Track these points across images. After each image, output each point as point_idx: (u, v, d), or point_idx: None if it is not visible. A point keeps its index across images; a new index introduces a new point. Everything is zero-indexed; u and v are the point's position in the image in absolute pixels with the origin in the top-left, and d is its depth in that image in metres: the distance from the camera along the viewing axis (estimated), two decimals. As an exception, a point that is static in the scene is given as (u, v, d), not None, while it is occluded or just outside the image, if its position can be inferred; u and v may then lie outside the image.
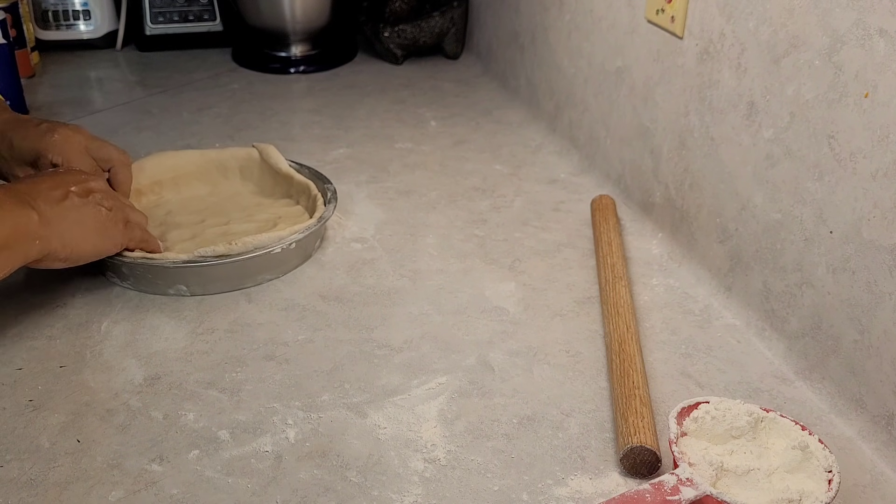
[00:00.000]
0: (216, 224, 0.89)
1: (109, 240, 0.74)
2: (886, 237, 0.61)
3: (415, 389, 0.68)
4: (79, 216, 0.70)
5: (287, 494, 0.58)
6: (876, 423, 0.63)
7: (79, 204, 0.71)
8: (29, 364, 0.70)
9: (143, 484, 0.58)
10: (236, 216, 0.91)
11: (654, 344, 0.74)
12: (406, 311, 0.78)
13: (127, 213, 0.76)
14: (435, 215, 0.96)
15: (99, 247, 0.73)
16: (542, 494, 0.58)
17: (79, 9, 1.44)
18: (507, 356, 0.72)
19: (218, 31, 1.51)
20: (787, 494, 0.54)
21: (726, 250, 0.80)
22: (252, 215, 0.91)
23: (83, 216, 0.71)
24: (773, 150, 0.72)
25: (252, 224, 0.89)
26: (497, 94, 1.32)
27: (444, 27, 1.43)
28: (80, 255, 0.71)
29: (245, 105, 1.26)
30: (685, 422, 0.59)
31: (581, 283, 0.83)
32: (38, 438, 0.62)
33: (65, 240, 0.69)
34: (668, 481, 0.55)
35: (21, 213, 0.66)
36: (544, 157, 1.11)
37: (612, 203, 0.93)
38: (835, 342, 0.67)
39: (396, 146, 1.13)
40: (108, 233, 0.73)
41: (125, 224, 0.75)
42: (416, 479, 0.59)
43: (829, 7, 0.64)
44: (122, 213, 0.75)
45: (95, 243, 0.72)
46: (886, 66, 0.60)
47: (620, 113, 0.98)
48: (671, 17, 0.85)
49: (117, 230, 0.74)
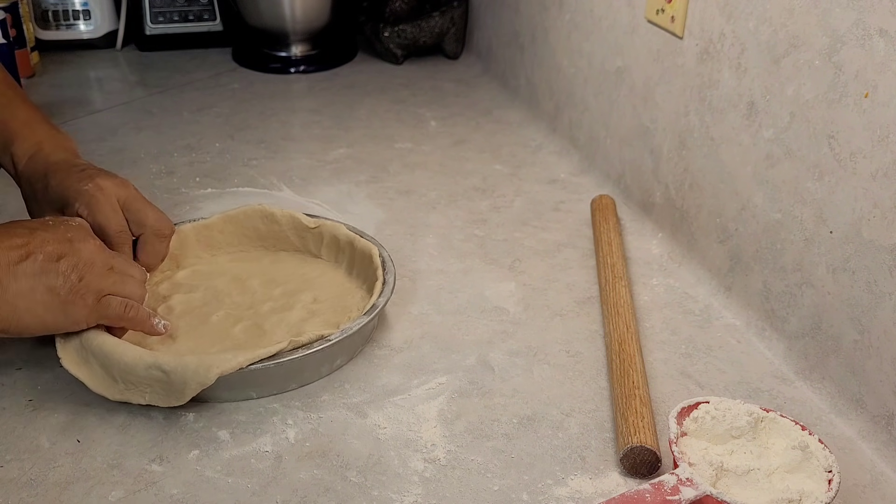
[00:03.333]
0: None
1: (65, 316, 0.62)
2: (886, 237, 0.61)
3: (415, 389, 0.68)
4: (31, 284, 0.60)
5: (287, 494, 0.58)
6: (876, 423, 0.63)
7: (38, 270, 0.60)
8: (29, 364, 0.70)
9: (143, 484, 0.58)
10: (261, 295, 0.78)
11: (654, 344, 0.74)
12: (406, 311, 0.78)
13: (105, 286, 0.64)
14: (435, 215, 0.96)
15: (48, 322, 0.62)
16: (542, 494, 0.58)
17: (79, 9, 1.44)
18: (507, 356, 0.72)
19: (218, 30, 1.51)
20: (787, 494, 0.54)
21: (726, 250, 0.80)
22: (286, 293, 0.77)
23: (36, 285, 0.60)
24: (773, 150, 0.72)
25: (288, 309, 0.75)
26: (497, 94, 1.32)
27: (444, 27, 1.43)
28: (23, 329, 0.61)
29: (245, 105, 1.26)
30: (685, 422, 0.59)
31: (581, 283, 0.83)
32: (38, 438, 0.62)
33: (1, 311, 0.59)
34: (668, 481, 0.55)
35: None
36: (544, 157, 1.11)
37: (612, 203, 0.93)
38: (835, 342, 0.67)
39: (396, 146, 1.13)
40: (66, 308, 0.62)
41: (97, 300, 0.63)
42: (416, 479, 0.59)
43: (829, 7, 0.64)
44: (97, 286, 0.63)
45: (44, 318, 0.61)
46: (886, 66, 0.60)
47: (620, 113, 0.98)
48: (671, 17, 0.85)
49: (81, 305, 0.62)
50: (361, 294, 0.77)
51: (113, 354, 0.62)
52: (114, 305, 0.64)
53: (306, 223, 0.82)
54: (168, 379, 0.62)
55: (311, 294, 0.77)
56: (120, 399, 0.63)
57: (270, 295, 0.77)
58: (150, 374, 0.62)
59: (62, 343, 0.65)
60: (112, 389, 0.63)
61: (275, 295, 0.77)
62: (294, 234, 0.83)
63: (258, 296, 0.77)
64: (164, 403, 0.63)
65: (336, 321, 0.73)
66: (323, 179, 1.03)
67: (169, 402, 0.63)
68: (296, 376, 0.68)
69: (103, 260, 0.65)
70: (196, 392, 0.62)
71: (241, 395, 0.66)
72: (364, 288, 0.77)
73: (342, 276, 0.80)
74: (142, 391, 0.63)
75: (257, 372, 0.64)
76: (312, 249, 0.83)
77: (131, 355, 0.62)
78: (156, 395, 0.63)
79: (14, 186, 0.78)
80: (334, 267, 0.81)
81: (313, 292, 0.77)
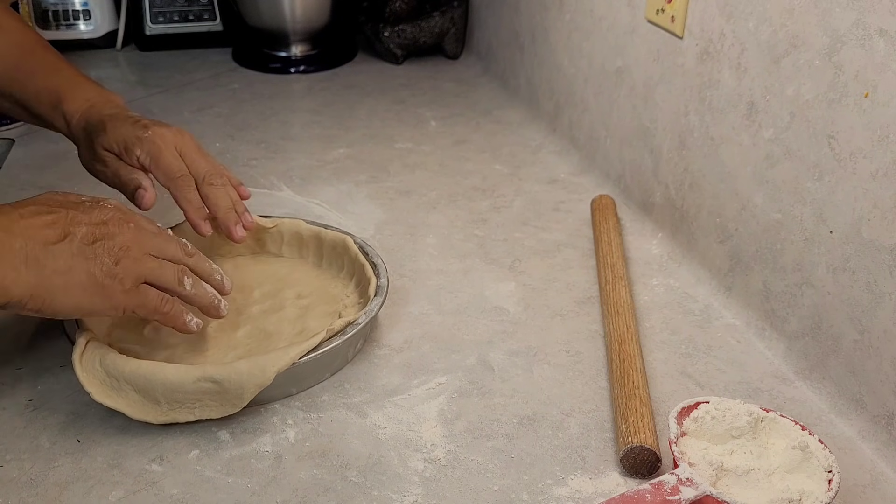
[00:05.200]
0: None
1: (102, 299, 0.60)
2: (886, 237, 0.61)
3: (415, 389, 0.68)
4: (69, 264, 0.58)
5: (287, 494, 0.58)
6: (876, 423, 0.63)
7: (75, 251, 0.58)
8: (29, 364, 0.70)
9: (143, 484, 0.58)
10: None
11: (654, 344, 0.74)
12: (406, 311, 0.78)
13: (143, 272, 0.62)
14: (435, 215, 0.96)
15: (83, 304, 0.59)
16: (542, 494, 0.58)
17: (79, 9, 1.44)
18: (507, 356, 0.72)
19: (218, 31, 1.51)
20: (787, 494, 0.54)
21: (726, 250, 0.80)
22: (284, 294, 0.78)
23: (74, 265, 0.58)
24: (773, 150, 0.72)
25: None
26: (497, 94, 1.32)
27: (444, 27, 1.43)
28: (57, 310, 0.58)
29: (245, 105, 1.26)
30: (685, 422, 0.59)
31: (581, 283, 0.83)
32: (38, 438, 0.62)
33: (38, 289, 0.57)
34: (668, 481, 0.55)
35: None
36: (544, 157, 1.11)
37: (612, 203, 0.93)
38: (835, 342, 0.67)
39: (396, 146, 1.13)
40: (104, 292, 0.59)
41: (135, 286, 0.61)
42: (416, 479, 0.59)
43: (829, 7, 0.64)
44: (135, 272, 0.61)
45: (79, 300, 0.59)
46: (886, 66, 0.60)
47: (620, 113, 0.98)
48: (671, 17, 0.85)
49: (119, 290, 0.60)
50: (342, 282, 0.78)
51: (154, 376, 0.60)
52: (151, 296, 0.62)
53: (263, 224, 0.81)
54: (221, 388, 0.61)
55: (292, 291, 0.77)
56: (165, 421, 0.62)
57: (252, 298, 0.76)
58: (199, 387, 0.61)
59: (86, 376, 0.62)
60: (155, 412, 0.62)
61: (256, 298, 0.77)
62: (250, 237, 0.80)
63: (240, 301, 0.75)
64: (218, 414, 0.62)
65: (334, 310, 0.74)
66: (323, 179, 1.03)
67: (223, 412, 0.62)
68: (330, 365, 0.69)
69: (140, 244, 0.62)
70: (254, 395, 0.61)
71: (282, 392, 0.66)
72: (342, 276, 0.79)
73: (312, 269, 0.81)
74: (189, 407, 0.62)
75: (304, 365, 0.64)
76: (272, 249, 0.83)
77: (174, 373, 0.61)
78: (206, 408, 0.62)
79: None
80: (301, 262, 0.82)
81: (294, 289, 0.78)
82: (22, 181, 1.01)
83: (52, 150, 1.06)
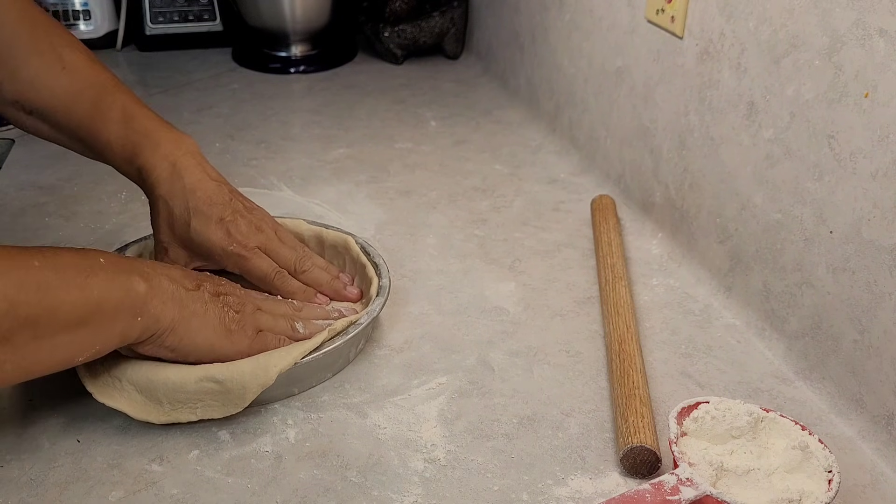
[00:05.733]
0: None
1: (231, 344, 0.63)
2: (886, 237, 0.61)
3: (415, 389, 0.68)
4: (203, 308, 0.62)
5: (287, 494, 0.58)
6: (876, 423, 0.63)
7: (207, 298, 0.63)
8: (29, 364, 0.70)
9: (143, 484, 0.58)
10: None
11: (654, 344, 0.74)
12: (406, 311, 0.78)
13: (260, 323, 0.66)
14: (435, 215, 0.96)
15: (216, 346, 0.62)
16: (542, 494, 0.58)
17: (79, 9, 1.44)
18: (507, 356, 0.72)
19: (218, 31, 1.51)
20: (787, 494, 0.54)
21: (726, 250, 0.80)
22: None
23: (207, 310, 0.62)
24: (773, 150, 0.72)
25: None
26: (497, 94, 1.32)
27: (444, 27, 1.43)
28: (192, 348, 0.61)
29: (245, 105, 1.27)
30: (685, 422, 0.59)
31: (581, 283, 0.83)
32: (38, 438, 0.62)
33: (179, 324, 0.60)
34: (668, 481, 0.55)
35: (121, 281, 0.57)
36: (544, 157, 1.11)
37: (612, 203, 0.93)
38: (835, 342, 0.67)
39: (396, 146, 1.13)
40: (231, 337, 0.63)
41: (255, 333, 0.65)
42: (416, 479, 0.59)
43: (829, 7, 0.64)
44: (254, 322, 0.66)
45: (213, 341, 0.62)
46: (886, 66, 0.60)
47: (620, 113, 0.98)
48: (671, 17, 0.85)
49: (243, 336, 0.64)
50: None
51: (156, 377, 0.61)
52: (270, 339, 0.66)
53: None
54: (223, 388, 0.61)
55: None
56: (166, 421, 0.62)
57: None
58: (201, 387, 0.61)
59: (89, 380, 0.62)
60: (157, 413, 0.62)
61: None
62: None
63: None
64: (220, 414, 0.62)
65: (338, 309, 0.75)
66: (323, 179, 1.03)
67: (225, 412, 0.62)
68: (332, 365, 0.69)
69: (252, 302, 0.68)
70: (257, 395, 0.61)
71: (284, 392, 0.67)
72: None
73: None
74: (192, 407, 0.62)
75: (306, 365, 0.65)
76: None
77: (176, 373, 0.61)
78: (208, 408, 0.62)
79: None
80: None
81: None
82: (22, 181, 1.01)
83: (53, 151, 1.05)
